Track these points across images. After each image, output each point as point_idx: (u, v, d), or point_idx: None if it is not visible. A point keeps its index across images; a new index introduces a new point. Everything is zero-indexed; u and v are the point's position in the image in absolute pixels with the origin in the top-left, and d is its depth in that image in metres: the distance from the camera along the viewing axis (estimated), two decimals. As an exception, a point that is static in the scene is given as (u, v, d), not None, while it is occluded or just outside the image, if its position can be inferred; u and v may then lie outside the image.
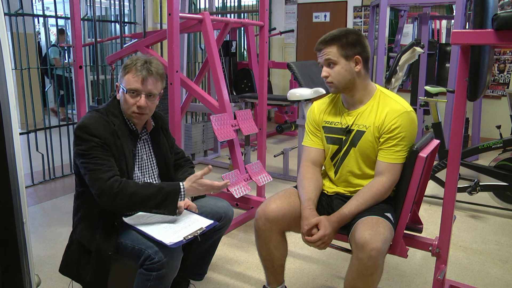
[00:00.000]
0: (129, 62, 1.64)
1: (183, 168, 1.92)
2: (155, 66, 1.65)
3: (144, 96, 1.63)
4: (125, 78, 1.63)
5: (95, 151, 1.55)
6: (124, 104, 1.65)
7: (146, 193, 1.55)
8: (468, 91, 1.45)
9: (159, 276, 1.48)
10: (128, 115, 1.67)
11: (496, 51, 5.12)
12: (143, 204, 1.57)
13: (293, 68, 3.75)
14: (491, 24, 1.29)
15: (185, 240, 1.51)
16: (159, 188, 1.57)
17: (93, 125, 1.58)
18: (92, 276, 1.59)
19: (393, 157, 1.62)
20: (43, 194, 3.45)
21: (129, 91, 1.62)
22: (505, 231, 2.81)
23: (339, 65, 1.64)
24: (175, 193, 1.58)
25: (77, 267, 1.63)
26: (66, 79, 4.56)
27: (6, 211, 1.00)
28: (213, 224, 1.65)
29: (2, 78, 0.98)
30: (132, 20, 4.79)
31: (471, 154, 3.12)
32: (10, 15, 3.46)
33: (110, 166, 1.56)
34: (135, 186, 1.55)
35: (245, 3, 6.76)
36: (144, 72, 1.61)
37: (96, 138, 1.56)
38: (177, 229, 1.58)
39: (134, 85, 1.61)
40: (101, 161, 1.55)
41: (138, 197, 1.54)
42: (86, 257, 1.61)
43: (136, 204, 1.57)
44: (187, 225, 1.61)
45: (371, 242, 1.41)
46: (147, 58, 1.67)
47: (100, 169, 1.53)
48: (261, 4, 2.99)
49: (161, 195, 1.56)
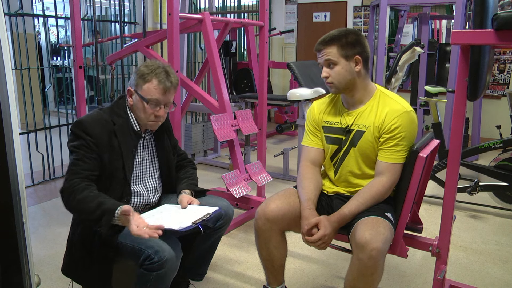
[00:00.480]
0: (148, 71, 1.63)
1: (185, 168, 1.93)
2: (173, 76, 1.67)
3: (163, 106, 1.65)
4: (145, 87, 1.63)
5: (82, 150, 1.56)
6: (142, 112, 1.66)
7: (87, 206, 1.49)
8: (468, 91, 1.45)
9: (158, 276, 1.48)
10: (144, 122, 1.68)
11: (496, 51, 5.12)
12: (85, 215, 1.52)
13: (293, 68, 3.75)
14: (491, 24, 1.29)
15: (193, 225, 1.51)
16: (99, 205, 1.49)
17: (90, 123, 1.58)
18: (95, 278, 1.59)
19: (393, 157, 1.62)
20: (43, 194, 3.46)
21: (150, 101, 1.63)
22: (505, 231, 2.81)
23: (339, 65, 1.64)
24: (109, 213, 1.48)
25: (79, 268, 1.64)
26: (96, 79, 4.47)
27: (6, 211, 1.00)
28: (219, 210, 1.67)
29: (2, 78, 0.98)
30: (132, 20, 4.79)
31: (471, 154, 3.12)
32: (10, 15, 3.46)
33: (84, 168, 1.55)
34: (84, 195, 1.50)
35: (245, 3, 6.76)
36: (167, 83, 1.63)
37: (88, 137, 1.56)
38: (185, 217, 1.59)
39: (156, 95, 1.62)
40: (79, 161, 1.55)
41: (81, 206, 1.50)
42: (88, 258, 1.61)
43: (81, 213, 1.54)
44: (193, 212, 1.63)
45: (371, 242, 1.41)
46: (165, 67, 1.67)
47: (74, 169, 1.54)
48: (261, 4, 2.99)
49: (99, 212, 1.48)
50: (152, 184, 1.78)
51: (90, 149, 1.56)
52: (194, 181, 1.87)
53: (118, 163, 1.62)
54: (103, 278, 1.60)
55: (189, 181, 1.84)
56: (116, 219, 1.49)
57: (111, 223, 1.49)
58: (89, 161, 1.56)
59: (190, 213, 1.62)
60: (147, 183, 1.76)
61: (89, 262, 1.60)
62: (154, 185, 1.79)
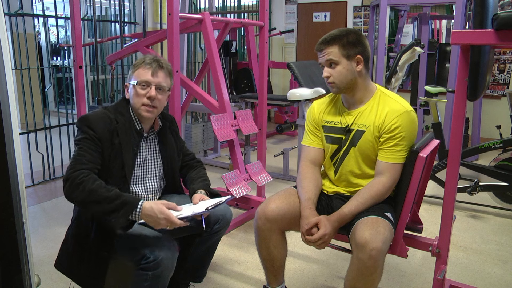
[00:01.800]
0: (138, 61, 1.69)
1: (196, 169, 1.93)
2: (164, 61, 1.71)
3: (154, 87, 1.65)
4: (135, 73, 1.67)
5: (85, 142, 1.57)
6: (134, 97, 1.67)
7: (105, 195, 1.48)
8: (468, 91, 1.45)
9: (155, 275, 1.49)
10: (138, 108, 1.67)
11: (496, 51, 5.12)
12: (98, 205, 1.49)
13: (293, 68, 3.75)
14: (491, 24, 1.29)
15: (207, 211, 1.54)
16: (119, 195, 1.49)
17: (94, 118, 1.61)
18: (85, 275, 1.59)
19: (393, 157, 1.62)
20: (43, 194, 3.45)
21: (140, 83, 1.65)
22: (505, 231, 2.81)
23: (341, 65, 1.64)
24: (131, 205, 1.49)
25: (69, 263, 1.64)
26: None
27: (6, 211, 1.00)
28: (231, 198, 1.71)
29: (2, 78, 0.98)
30: (132, 20, 4.79)
31: (471, 154, 3.12)
32: (10, 15, 3.46)
33: (89, 160, 1.55)
34: (98, 185, 1.50)
35: (245, 3, 6.76)
36: (154, 65, 1.66)
37: (91, 131, 1.58)
38: (197, 206, 1.62)
39: (145, 77, 1.65)
40: (84, 153, 1.55)
41: (95, 195, 1.48)
42: (79, 254, 1.61)
43: (92, 203, 1.50)
44: (205, 202, 1.65)
45: (371, 242, 1.41)
46: (156, 56, 1.72)
47: (79, 160, 1.54)
48: (261, 4, 2.99)
49: (119, 202, 1.48)
50: (152, 185, 1.78)
51: (94, 142, 1.58)
52: (207, 181, 1.87)
53: (118, 162, 1.62)
54: (95, 275, 1.60)
55: (204, 182, 1.84)
56: (137, 213, 1.49)
57: (129, 216, 1.49)
58: (94, 154, 1.57)
59: (202, 204, 1.65)
60: (147, 184, 1.76)
61: (82, 258, 1.60)
62: (154, 186, 1.78)
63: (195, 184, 1.81)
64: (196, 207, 1.61)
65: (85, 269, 1.60)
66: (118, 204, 1.48)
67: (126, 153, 1.64)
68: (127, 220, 1.51)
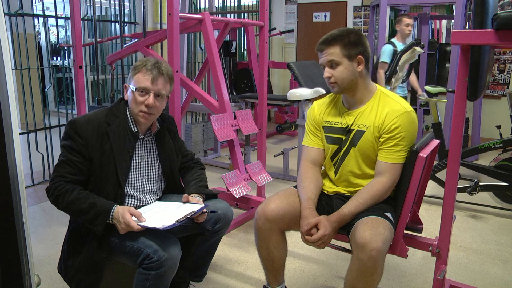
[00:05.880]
0: (139, 63, 1.66)
1: (192, 170, 1.92)
2: (165, 67, 1.67)
3: (153, 95, 1.64)
4: (135, 78, 1.65)
5: (69, 152, 1.57)
6: (132, 103, 1.66)
7: (80, 207, 1.53)
8: (468, 91, 1.45)
9: (158, 275, 1.48)
10: (135, 114, 1.67)
11: (496, 51, 5.12)
12: (78, 216, 1.56)
13: (293, 68, 3.75)
14: (491, 24, 1.29)
15: (177, 223, 1.51)
16: (93, 205, 1.53)
17: (82, 123, 1.59)
18: (80, 279, 1.59)
19: (393, 157, 1.62)
20: (43, 194, 3.45)
21: (139, 89, 1.63)
22: (505, 231, 2.81)
23: (342, 65, 1.64)
24: (105, 214, 1.53)
25: (65, 266, 1.64)
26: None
27: (6, 211, 1.00)
28: (204, 206, 1.66)
29: (2, 78, 0.98)
30: (132, 20, 4.79)
31: (471, 154, 3.12)
32: (10, 15, 3.46)
33: (69, 172, 1.56)
34: (73, 197, 1.53)
35: (245, 3, 6.76)
36: (154, 71, 1.63)
37: (78, 138, 1.57)
38: (171, 215, 1.58)
39: (144, 84, 1.63)
40: (65, 164, 1.56)
41: (72, 207, 1.54)
42: (74, 258, 1.61)
43: (72, 214, 1.58)
44: (179, 211, 1.62)
45: (371, 242, 1.41)
46: (157, 59, 1.68)
47: (58, 171, 1.56)
48: (261, 4, 2.99)
49: (94, 212, 1.53)
50: (149, 187, 1.76)
51: (79, 152, 1.57)
52: (202, 182, 1.85)
53: (111, 166, 1.61)
54: (94, 278, 1.59)
55: (197, 184, 1.82)
56: (111, 217, 1.53)
57: (106, 223, 1.53)
58: (74, 166, 1.57)
59: (178, 211, 1.62)
60: (144, 185, 1.74)
61: (80, 261, 1.59)
62: (151, 187, 1.76)
63: (189, 188, 1.80)
64: (166, 219, 1.56)
65: (79, 274, 1.58)
66: (93, 214, 1.52)
67: (119, 156, 1.63)
68: (107, 226, 1.54)
